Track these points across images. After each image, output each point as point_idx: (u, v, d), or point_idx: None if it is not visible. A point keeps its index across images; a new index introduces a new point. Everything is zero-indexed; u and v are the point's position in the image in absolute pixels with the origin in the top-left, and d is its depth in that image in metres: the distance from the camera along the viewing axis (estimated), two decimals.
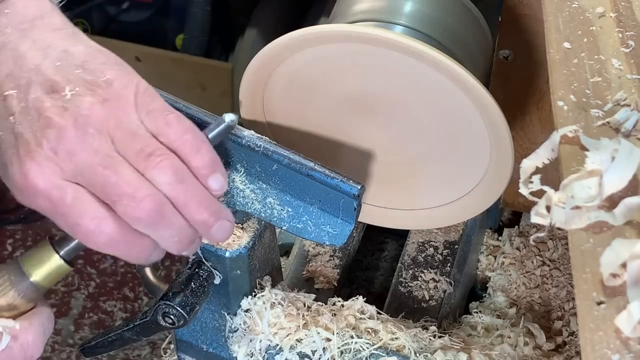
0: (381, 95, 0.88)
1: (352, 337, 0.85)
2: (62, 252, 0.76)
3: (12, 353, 0.73)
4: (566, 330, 1.00)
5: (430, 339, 0.87)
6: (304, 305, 0.89)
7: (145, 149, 0.71)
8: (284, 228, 0.83)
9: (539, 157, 0.64)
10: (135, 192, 0.70)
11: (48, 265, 0.76)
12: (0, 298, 0.75)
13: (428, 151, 0.92)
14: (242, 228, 0.87)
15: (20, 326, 0.74)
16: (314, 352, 0.85)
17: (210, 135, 0.75)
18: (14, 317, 0.74)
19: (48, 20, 0.75)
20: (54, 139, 0.70)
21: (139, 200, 0.70)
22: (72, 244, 0.76)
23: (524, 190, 0.62)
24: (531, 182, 0.62)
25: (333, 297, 0.92)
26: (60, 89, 0.71)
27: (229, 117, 0.76)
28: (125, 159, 0.71)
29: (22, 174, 0.70)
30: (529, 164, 0.63)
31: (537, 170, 0.63)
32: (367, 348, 0.85)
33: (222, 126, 0.76)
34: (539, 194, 0.61)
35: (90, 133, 0.70)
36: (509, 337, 0.93)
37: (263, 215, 0.83)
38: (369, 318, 0.89)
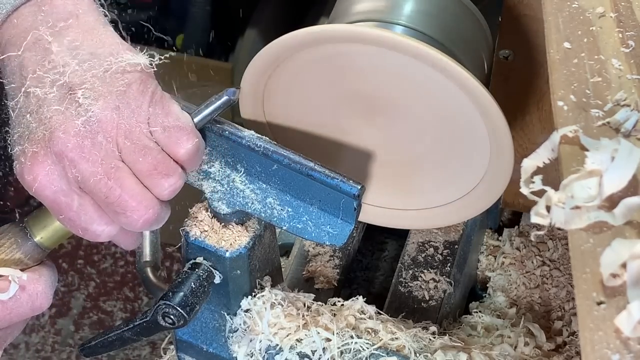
0: (381, 95, 0.88)
1: (352, 337, 0.85)
2: None
3: (20, 302, 0.75)
4: (566, 330, 1.00)
5: (430, 339, 0.87)
6: (304, 305, 0.89)
7: (158, 167, 0.74)
8: (284, 228, 0.83)
9: (540, 157, 0.64)
10: (139, 204, 0.73)
11: (52, 227, 0.79)
12: (8, 258, 0.77)
13: (428, 151, 0.92)
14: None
15: (29, 277, 0.76)
16: (314, 352, 0.85)
17: (210, 109, 0.79)
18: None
19: (83, 20, 0.75)
20: (61, 144, 0.71)
21: (142, 214, 0.73)
22: None
23: (525, 190, 0.62)
24: (532, 182, 0.61)
25: (333, 297, 0.92)
26: (75, 92, 0.72)
27: (229, 92, 0.80)
28: (131, 169, 0.73)
29: (31, 178, 0.72)
30: (529, 164, 0.63)
31: (537, 170, 0.63)
32: (367, 348, 0.85)
33: (222, 100, 0.79)
34: (540, 194, 0.61)
35: (99, 141, 0.72)
36: (509, 337, 0.93)
37: (263, 215, 0.83)
38: (368, 318, 0.89)
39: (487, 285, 1.11)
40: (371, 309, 0.89)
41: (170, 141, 0.75)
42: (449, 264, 1.06)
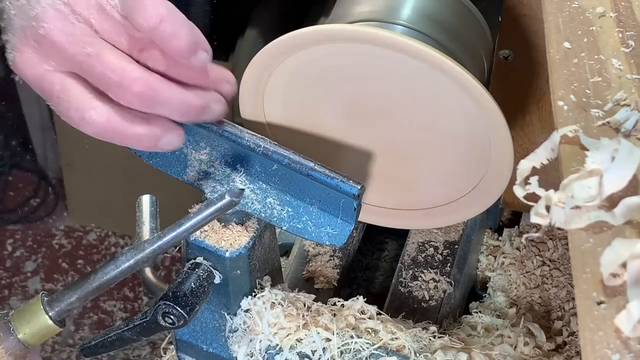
0: (381, 96, 0.88)
1: (352, 337, 0.85)
2: (52, 312, 0.76)
3: None
4: (566, 330, 1.00)
5: (430, 339, 0.87)
6: (304, 305, 0.89)
7: (135, 35, 0.72)
8: (284, 228, 0.83)
9: (538, 157, 0.64)
10: (122, 79, 0.71)
11: (37, 325, 0.75)
12: None
13: (428, 151, 0.92)
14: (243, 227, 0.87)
15: None
16: (313, 352, 0.85)
17: (209, 210, 0.76)
18: None
19: None
20: (35, 31, 0.71)
21: (127, 87, 0.71)
22: (64, 304, 0.76)
23: (518, 192, 0.61)
24: (529, 184, 0.62)
25: (333, 297, 0.92)
26: None
27: (231, 194, 0.76)
28: (114, 45, 0.72)
29: (15, 65, 0.73)
30: (526, 165, 0.63)
31: (536, 171, 0.63)
32: (367, 348, 0.85)
33: (224, 201, 0.76)
34: (533, 196, 0.60)
35: (71, 22, 0.71)
36: (509, 337, 0.93)
37: (263, 215, 0.83)
38: (369, 318, 0.89)
39: (487, 285, 1.11)
40: (371, 309, 0.89)
41: (132, 11, 0.71)
42: (449, 264, 1.06)
